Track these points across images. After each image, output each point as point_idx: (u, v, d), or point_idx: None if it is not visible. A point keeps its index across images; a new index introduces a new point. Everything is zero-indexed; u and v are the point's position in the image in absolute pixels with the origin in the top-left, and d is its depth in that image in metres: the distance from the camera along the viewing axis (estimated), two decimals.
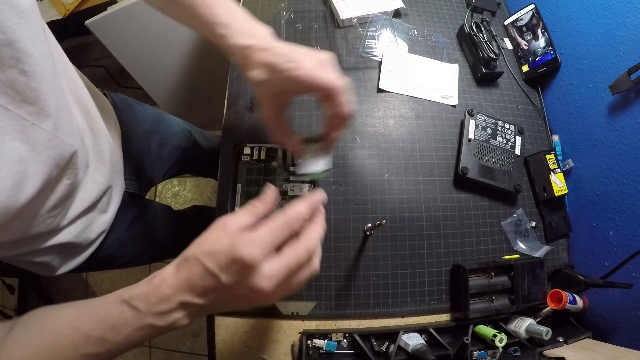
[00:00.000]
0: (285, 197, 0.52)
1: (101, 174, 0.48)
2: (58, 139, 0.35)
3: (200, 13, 0.41)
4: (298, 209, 0.34)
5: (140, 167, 0.63)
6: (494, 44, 0.66)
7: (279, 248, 0.33)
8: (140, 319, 0.33)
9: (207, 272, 0.32)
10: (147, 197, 0.72)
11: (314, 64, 0.38)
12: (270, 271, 0.32)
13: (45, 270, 0.50)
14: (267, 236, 0.32)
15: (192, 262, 0.33)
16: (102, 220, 0.52)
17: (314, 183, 0.52)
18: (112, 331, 0.33)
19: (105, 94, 0.57)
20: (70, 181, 0.40)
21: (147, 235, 0.69)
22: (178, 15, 0.45)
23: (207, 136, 0.83)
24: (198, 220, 0.97)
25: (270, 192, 0.36)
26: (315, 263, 0.35)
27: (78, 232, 0.47)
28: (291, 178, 0.52)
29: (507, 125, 0.62)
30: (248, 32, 0.40)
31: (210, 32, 0.41)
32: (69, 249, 0.49)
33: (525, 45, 0.70)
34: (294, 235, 0.34)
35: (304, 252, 0.33)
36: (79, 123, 0.42)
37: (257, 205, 0.35)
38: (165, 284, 0.33)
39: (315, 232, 0.35)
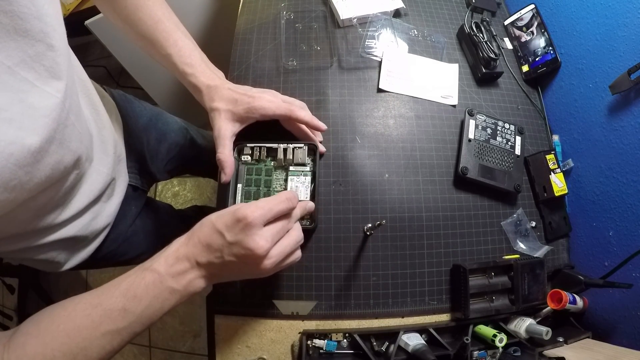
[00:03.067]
0: None
1: (105, 166, 0.49)
2: (70, 119, 0.36)
3: (169, 52, 0.49)
4: (295, 192, 0.42)
5: (141, 160, 0.63)
6: (494, 44, 0.66)
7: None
8: (160, 283, 0.35)
9: (216, 231, 0.36)
10: (148, 195, 0.72)
11: (268, 97, 0.50)
12: (266, 231, 0.37)
13: (51, 267, 0.51)
14: (268, 205, 0.37)
15: (205, 224, 0.38)
16: (106, 213, 0.52)
17: (313, 183, 0.52)
18: (134, 300, 0.35)
19: (104, 89, 0.58)
20: (77, 170, 0.41)
21: (150, 232, 0.69)
22: (150, 51, 0.51)
23: (204, 135, 0.83)
24: (198, 220, 0.97)
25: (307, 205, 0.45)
26: (298, 232, 0.41)
27: (83, 225, 0.48)
28: (289, 178, 0.52)
29: (507, 125, 0.62)
30: (209, 74, 0.50)
31: (177, 69, 0.49)
32: (74, 243, 0.49)
33: (526, 37, 0.70)
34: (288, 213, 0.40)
35: (289, 222, 0.40)
36: (85, 112, 0.44)
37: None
38: (182, 245, 0.37)
39: (297, 210, 0.41)
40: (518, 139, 0.62)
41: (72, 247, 0.50)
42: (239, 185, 0.52)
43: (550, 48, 0.66)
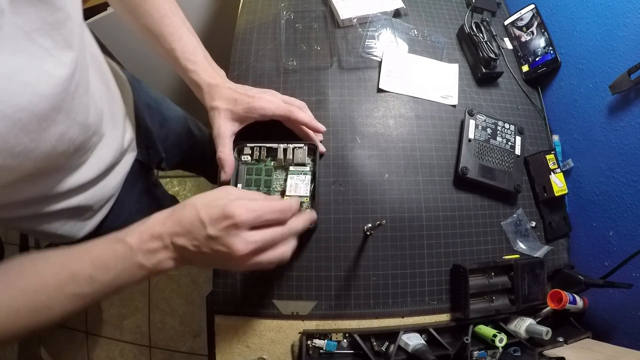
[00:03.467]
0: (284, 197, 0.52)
1: (115, 141, 0.50)
2: (79, 92, 0.36)
3: (173, 47, 0.48)
4: (295, 204, 0.40)
5: (149, 137, 0.64)
6: (494, 44, 0.66)
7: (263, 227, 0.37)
8: (130, 257, 0.35)
9: (198, 219, 0.35)
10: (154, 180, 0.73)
11: (267, 97, 0.50)
12: (249, 237, 0.35)
13: (55, 239, 0.51)
14: (260, 211, 0.36)
15: (188, 208, 0.36)
16: (112, 184, 0.53)
17: (313, 183, 0.52)
18: (102, 269, 0.34)
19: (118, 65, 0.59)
20: (85, 144, 0.41)
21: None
22: (153, 44, 0.50)
23: (199, 126, 0.85)
24: None
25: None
26: (287, 249, 0.39)
27: (89, 195, 0.48)
28: (289, 178, 0.52)
29: (507, 125, 0.62)
30: (211, 72, 0.50)
31: (179, 65, 0.49)
32: (79, 213, 0.49)
33: (526, 37, 0.70)
34: (279, 223, 0.38)
35: (280, 235, 0.38)
36: (96, 86, 0.44)
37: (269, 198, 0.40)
38: (159, 223, 0.36)
39: (297, 224, 0.40)
40: (518, 139, 0.62)
41: (77, 217, 0.50)
42: (239, 185, 0.52)
43: (550, 48, 0.66)
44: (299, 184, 0.51)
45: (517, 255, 0.57)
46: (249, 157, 0.53)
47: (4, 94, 0.27)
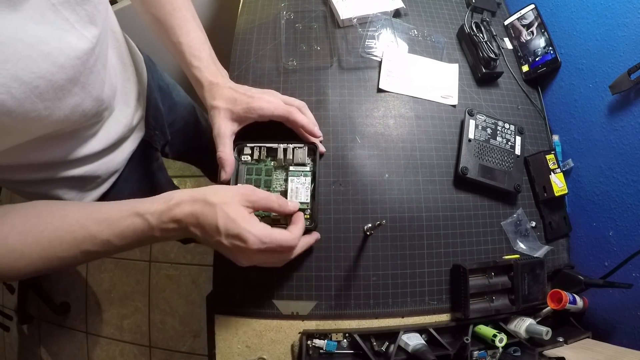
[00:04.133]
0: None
1: (125, 117, 0.51)
2: (97, 66, 0.38)
3: (180, 40, 0.49)
4: (296, 239, 0.43)
5: (157, 118, 0.64)
6: (494, 44, 0.66)
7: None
8: (148, 231, 0.38)
9: (216, 226, 0.38)
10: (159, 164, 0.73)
11: (267, 98, 0.50)
12: (254, 257, 0.40)
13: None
14: (270, 245, 0.39)
15: (209, 208, 0.38)
16: (117, 159, 0.53)
17: (313, 183, 0.52)
18: (119, 237, 0.37)
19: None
20: (97, 117, 0.43)
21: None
22: (162, 36, 0.51)
23: (206, 117, 0.85)
24: None
25: (293, 203, 0.46)
26: (284, 260, 0.44)
27: (94, 167, 0.49)
28: (290, 182, 0.52)
29: (507, 125, 0.62)
30: (214, 70, 0.50)
31: (184, 59, 0.49)
32: (83, 183, 0.50)
33: (526, 37, 0.70)
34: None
35: (281, 259, 0.43)
36: (113, 63, 0.46)
37: (279, 204, 0.43)
38: (180, 209, 0.38)
39: (296, 251, 0.44)
40: (518, 139, 0.62)
41: (81, 187, 0.51)
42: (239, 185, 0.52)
43: (550, 48, 0.66)
44: (300, 188, 0.51)
45: (517, 255, 0.57)
46: (249, 157, 0.53)
47: (25, 60, 0.28)
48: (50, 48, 0.30)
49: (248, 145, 0.53)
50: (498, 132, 0.61)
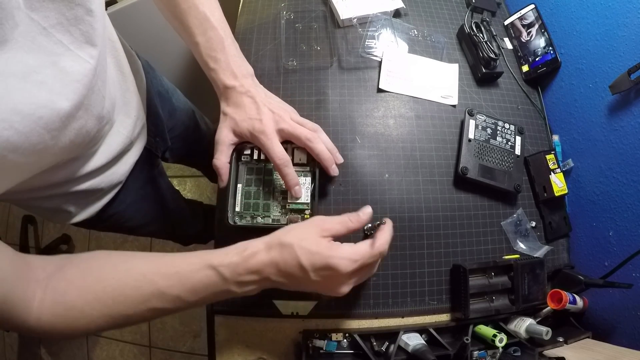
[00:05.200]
0: (286, 199, 0.52)
1: (126, 128, 0.50)
2: (98, 85, 0.36)
3: (197, 41, 0.46)
4: (385, 244, 0.40)
5: (158, 125, 0.64)
6: (494, 44, 0.66)
7: None
8: (222, 285, 0.35)
9: (299, 265, 0.35)
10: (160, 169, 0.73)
11: (272, 140, 0.46)
12: (352, 282, 0.39)
13: (59, 217, 0.51)
14: (362, 261, 0.37)
15: (287, 250, 0.36)
16: (120, 171, 0.53)
17: (314, 183, 0.52)
18: (190, 292, 0.34)
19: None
20: (99, 134, 0.41)
21: (158, 202, 0.70)
22: (182, 34, 0.49)
23: (206, 121, 0.86)
24: (205, 215, 1.01)
25: (365, 212, 0.44)
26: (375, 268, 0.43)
27: (97, 181, 0.48)
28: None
29: (507, 125, 0.62)
30: (230, 72, 0.47)
31: (202, 60, 0.48)
32: (86, 196, 0.50)
33: (526, 37, 0.70)
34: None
35: (372, 270, 0.42)
36: (111, 74, 0.44)
37: (353, 221, 0.41)
38: (256, 259, 0.36)
39: (385, 249, 0.41)
40: (518, 139, 0.62)
41: (83, 200, 0.50)
42: (239, 185, 0.52)
43: (550, 48, 0.66)
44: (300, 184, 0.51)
45: (517, 255, 0.57)
46: (249, 157, 0.53)
47: (21, 93, 0.27)
48: (43, 76, 0.28)
49: (248, 145, 0.53)
50: (498, 132, 0.61)
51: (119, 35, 0.50)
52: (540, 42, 0.68)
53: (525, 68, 0.70)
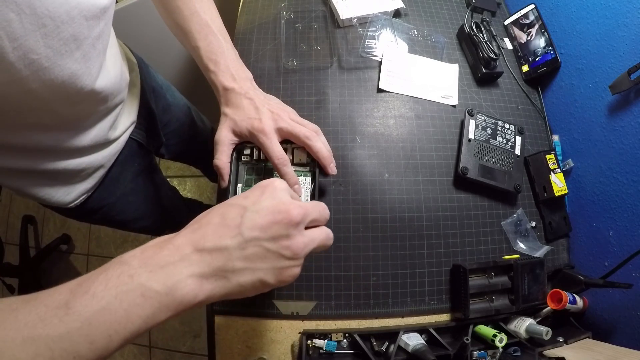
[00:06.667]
0: None
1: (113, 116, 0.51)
2: (97, 46, 0.38)
3: (198, 45, 0.48)
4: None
5: (150, 119, 0.64)
6: (494, 44, 0.66)
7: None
8: (129, 277, 0.24)
9: (227, 217, 0.29)
10: (155, 166, 0.74)
11: (272, 139, 0.46)
12: (307, 234, 0.32)
13: (42, 196, 0.50)
14: (307, 204, 0.32)
15: (208, 213, 0.30)
16: (103, 154, 0.53)
17: (314, 183, 0.52)
18: (84, 297, 0.23)
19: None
20: (105, 104, 0.45)
21: (151, 198, 0.70)
22: (183, 40, 0.51)
23: (202, 118, 0.86)
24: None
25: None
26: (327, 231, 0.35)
27: (79, 161, 0.49)
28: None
29: (507, 125, 0.62)
30: (229, 75, 0.48)
31: (202, 63, 0.49)
32: (66, 177, 0.50)
33: (526, 37, 0.70)
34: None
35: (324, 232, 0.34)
36: (110, 62, 0.46)
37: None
38: (175, 237, 0.28)
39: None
40: (518, 139, 0.62)
41: (64, 181, 0.51)
42: (239, 185, 0.52)
43: (550, 48, 0.66)
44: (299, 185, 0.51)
45: (517, 255, 0.57)
46: (249, 157, 0.53)
47: None
48: None
49: (248, 145, 0.53)
50: (498, 132, 0.61)
51: (118, 30, 0.51)
52: (540, 42, 0.68)
53: (525, 68, 0.70)
